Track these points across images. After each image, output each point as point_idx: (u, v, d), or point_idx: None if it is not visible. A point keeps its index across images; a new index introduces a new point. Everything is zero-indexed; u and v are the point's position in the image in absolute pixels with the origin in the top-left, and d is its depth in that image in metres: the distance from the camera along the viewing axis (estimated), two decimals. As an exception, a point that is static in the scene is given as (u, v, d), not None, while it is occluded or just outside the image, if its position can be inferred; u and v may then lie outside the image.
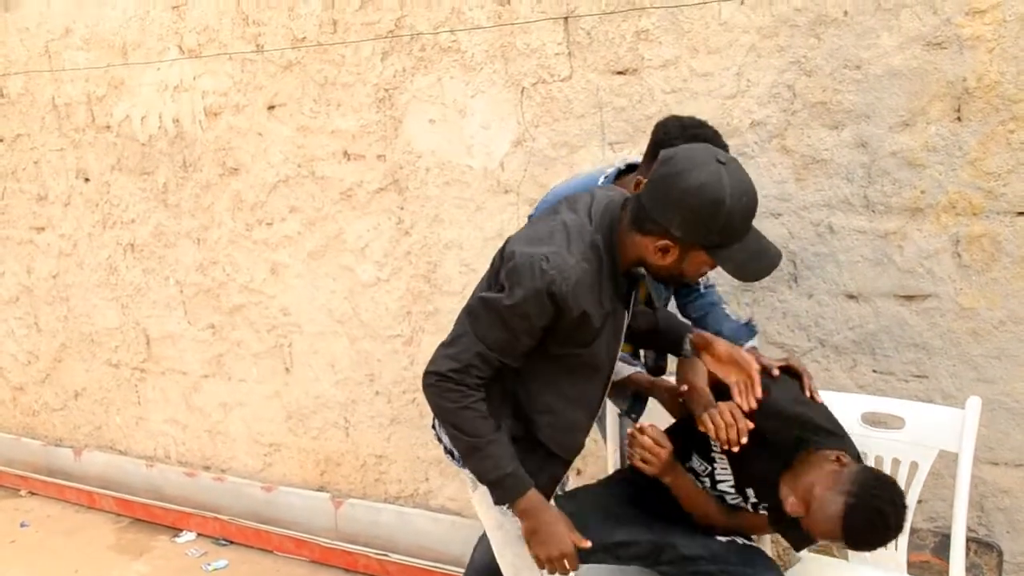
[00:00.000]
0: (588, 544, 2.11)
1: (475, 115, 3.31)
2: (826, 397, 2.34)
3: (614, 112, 3.04)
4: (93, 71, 4.26)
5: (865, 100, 2.67)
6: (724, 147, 2.36)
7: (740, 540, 2.34)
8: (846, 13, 2.66)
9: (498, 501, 2.08)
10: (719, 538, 2.34)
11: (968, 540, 2.64)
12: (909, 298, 2.71)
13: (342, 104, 3.60)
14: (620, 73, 3.01)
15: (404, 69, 3.42)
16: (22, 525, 4.58)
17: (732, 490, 2.31)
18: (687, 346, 2.28)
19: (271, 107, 3.79)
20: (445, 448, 2.32)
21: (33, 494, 4.94)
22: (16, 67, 4.54)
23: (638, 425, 2.27)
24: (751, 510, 2.31)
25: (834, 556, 2.63)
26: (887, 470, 2.41)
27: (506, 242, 2.07)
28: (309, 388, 3.99)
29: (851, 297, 2.79)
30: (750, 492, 2.28)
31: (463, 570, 3.54)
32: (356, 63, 3.52)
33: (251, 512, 4.22)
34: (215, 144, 3.98)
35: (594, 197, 2.11)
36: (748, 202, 1.90)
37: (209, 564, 4.03)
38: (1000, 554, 2.66)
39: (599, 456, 3.15)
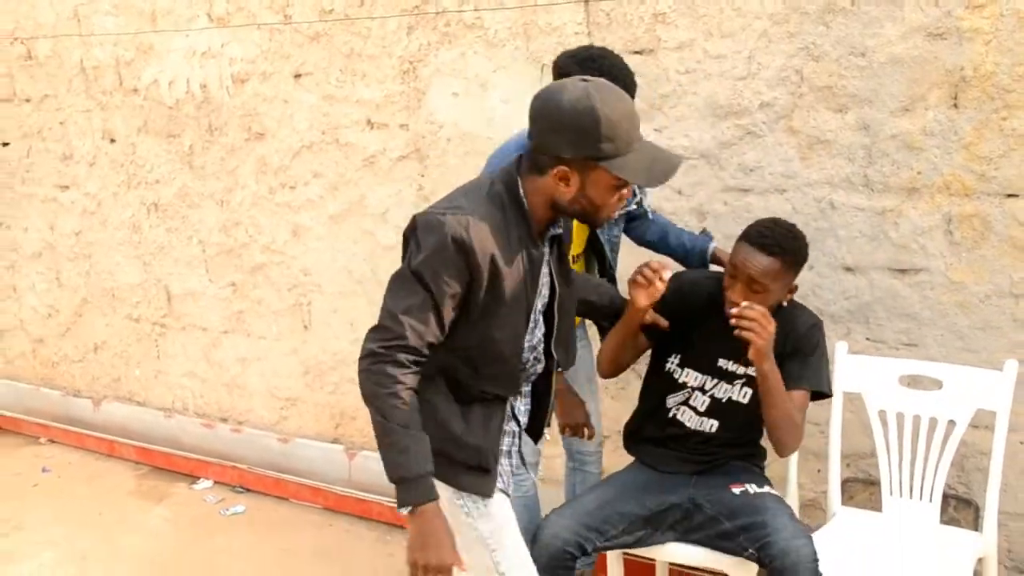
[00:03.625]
0: (465, 568, 2.11)
1: (496, 89, 3.49)
2: (865, 360, 2.77)
3: (630, 90, 3.21)
4: (122, 36, 4.40)
5: (868, 86, 2.86)
6: (623, 69, 2.53)
7: (752, 488, 2.57)
8: (853, 2, 2.83)
9: (401, 502, 1.99)
10: (733, 490, 2.56)
11: (948, 496, 2.87)
12: (902, 271, 2.91)
13: (367, 75, 3.77)
14: (637, 53, 3.18)
15: (429, 43, 3.59)
16: (44, 471, 4.78)
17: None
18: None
19: (297, 76, 3.95)
20: None
21: (53, 442, 5.14)
22: (44, 30, 4.68)
23: (744, 303, 2.42)
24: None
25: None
26: (924, 429, 2.68)
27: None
28: (327, 345, 4.18)
29: (848, 270, 2.99)
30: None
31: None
32: (382, 36, 3.69)
33: (267, 462, 4.42)
34: (241, 109, 4.14)
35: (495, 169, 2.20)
36: (624, 108, 1.96)
37: (227, 509, 4.24)
38: (977, 510, 2.87)
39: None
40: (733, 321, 2.42)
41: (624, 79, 2.46)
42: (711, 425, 2.68)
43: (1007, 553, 2.91)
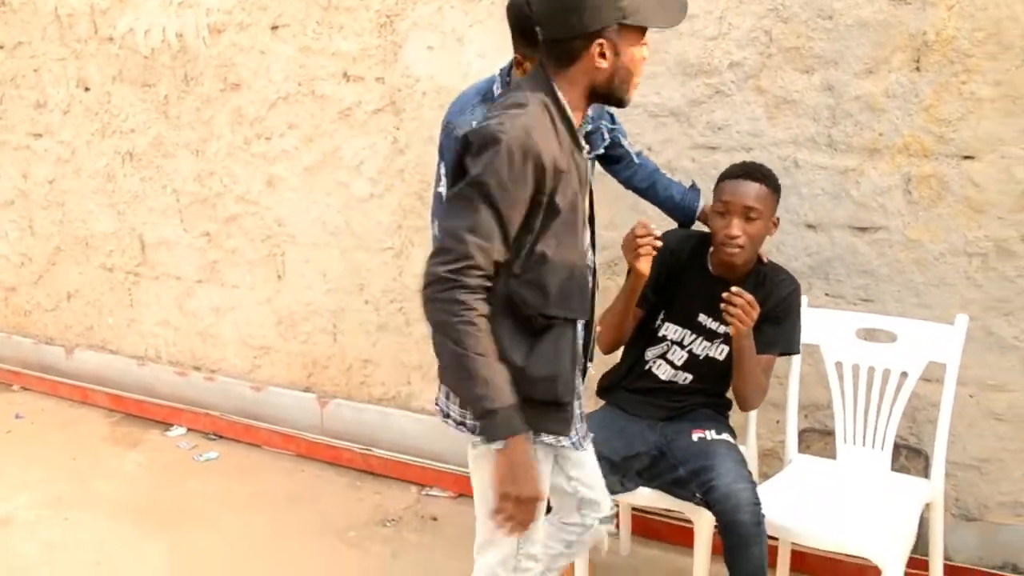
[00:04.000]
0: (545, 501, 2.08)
1: (472, 44, 3.53)
2: (825, 314, 2.88)
3: (604, 47, 3.27)
4: (98, -18, 4.40)
5: (834, 48, 2.94)
6: None
7: (711, 435, 2.68)
8: (822, -34, 2.91)
9: (490, 436, 1.91)
10: (693, 436, 2.68)
11: (900, 446, 3.00)
12: (862, 229, 3.01)
13: (344, 27, 3.80)
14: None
15: (406, -4, 3.63)
16: (17, 417, 4.81)
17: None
18: None
19: (274, 27, 3.97)
20: (445, 414, 2.22)
21: (26, 389, 5.18)
22: (18, -25, 4.66)
23: (735, 289, 2.52)
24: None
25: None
26: (879, 380, 2.79)
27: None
28: (300, 295, 4.24)
29: (810, 227, 3.08)
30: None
31: (439, 464, 3.88)
32: (360, -12, 3.72)
33: (240, 410, 4.49)
34: (217, 60, 4.16)
35: (512, 87, 2.14)
36: None
37: (200, 455, 4.31)
38: (927, 459, 3.00)
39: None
40: (722, 305, 2.53)
41: None
42: (685, 378, 2.80)
43: (955, 501, 3.04)
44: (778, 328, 2.71)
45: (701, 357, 2.78)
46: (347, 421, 4.19)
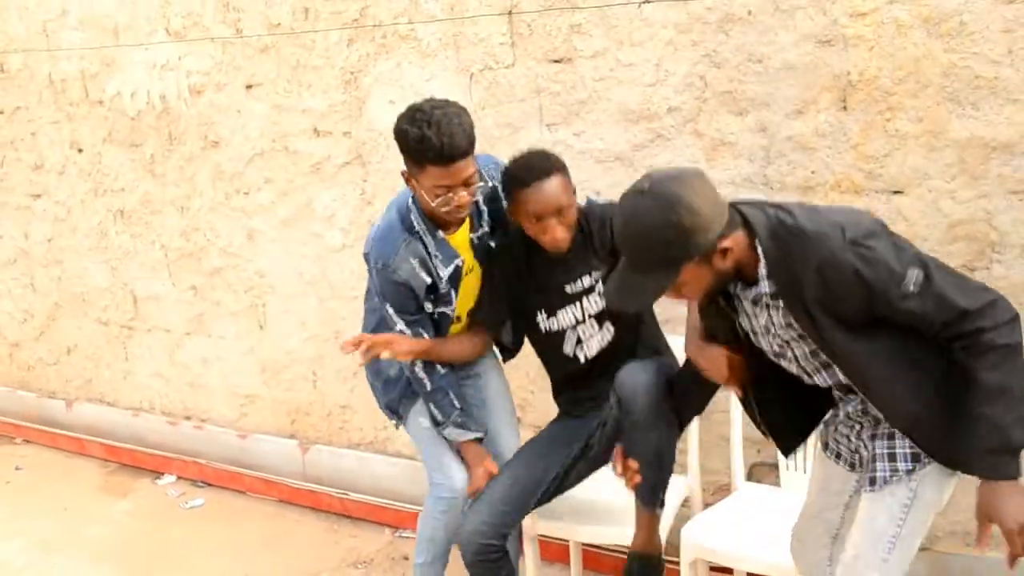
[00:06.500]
0: None
1: (430, 97, 3.66)
2: None
3: (551, 96, 3.40)
4: (87, 50, 4.60)
5: (765, 90, 3.03)
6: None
7: None
8: (750, 12, 3.01)
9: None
10: None
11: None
12: (800, 265, 3.08)
13: (312, 85, 3.96)
14: (556, 62, 3.36)
15: (368, 54, 3.78)
16: (16, 468, 4.97)
17: None
18: None
19: (249, 86, 4.14)
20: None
21: (28, 442, 5.33)
22: (15, 44, 4.89)
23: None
24: None
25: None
26: None
27: None
28: (281, 344, 4.37)
29: (752, 264, 3.16)
30: None
31: (414, 506, 3.95)
32: (325, 48, 3.88)
33: (227, 457, 4.60)
34: (198, 119, 4.33)
35: None
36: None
37: (187, 503, 4.43)
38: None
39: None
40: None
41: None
42: (607, 335, 2.83)
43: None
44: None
45: (602, 309, 2.79)
46: (327, 466, 4.29)
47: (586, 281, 2.79)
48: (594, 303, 2.80)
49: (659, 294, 2.08)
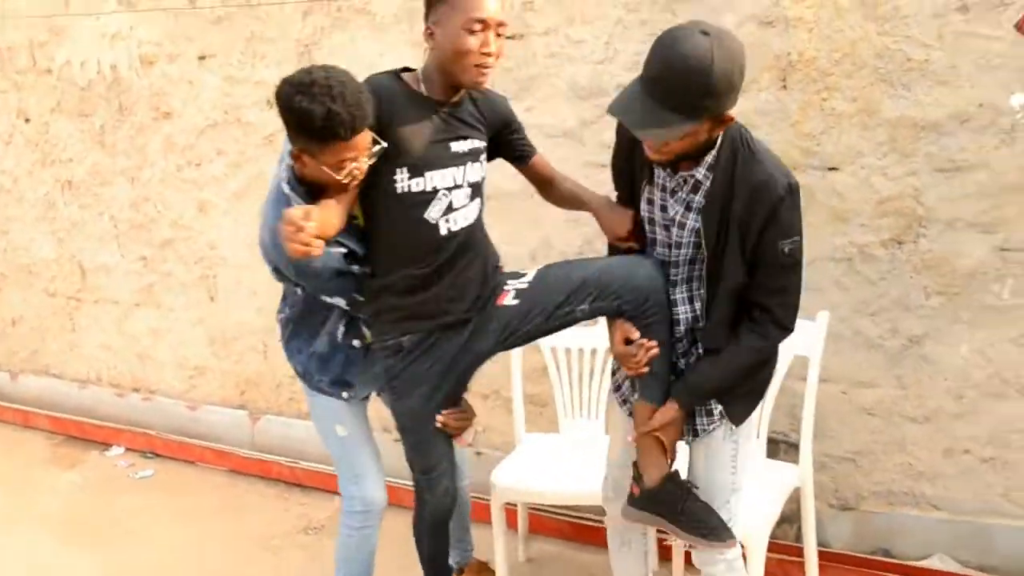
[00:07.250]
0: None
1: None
2: None
3: (503, 72, 3.46)
4: (36, 18, 4.57)
5: (710, 69, 3.14)
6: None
7: (513, 288, 2.54)
8: (696, -7, 3.12)
9: None
10: (502, 303, 2.53)
11: (779, 441, 3.18)
12: (741, 239, 3.20)
13: (266, 57, 3.99)
14: (509, 38, 3.41)
15: (322, 28, 3.82)
16: (-40, 441, 4.93)
17: None
18: None
19: (202, 57, 4.16)
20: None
21: (-28, 415, 5.29)
22: (-39, 12, 4.84)
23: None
24: None
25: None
26: None
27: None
28: (232, 316, 4.40)
29: (695, 237, 3.27)
30: None
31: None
32: (280, 20, 3.91)
33: (177, 428, 4.63)
34: (149, 90, 4.34)
35: None
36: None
37: (136, 473, 4.44)
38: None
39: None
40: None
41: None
42: (474, 211, 2.48)
43: (834, 492, 3.21)
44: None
45: (482, 179, 2.50)
46: (276, 436, 4.34)
47: (469, 145, 2.43)
48: (476, 171, 2.46)
49: (677, 135, 2.06)
